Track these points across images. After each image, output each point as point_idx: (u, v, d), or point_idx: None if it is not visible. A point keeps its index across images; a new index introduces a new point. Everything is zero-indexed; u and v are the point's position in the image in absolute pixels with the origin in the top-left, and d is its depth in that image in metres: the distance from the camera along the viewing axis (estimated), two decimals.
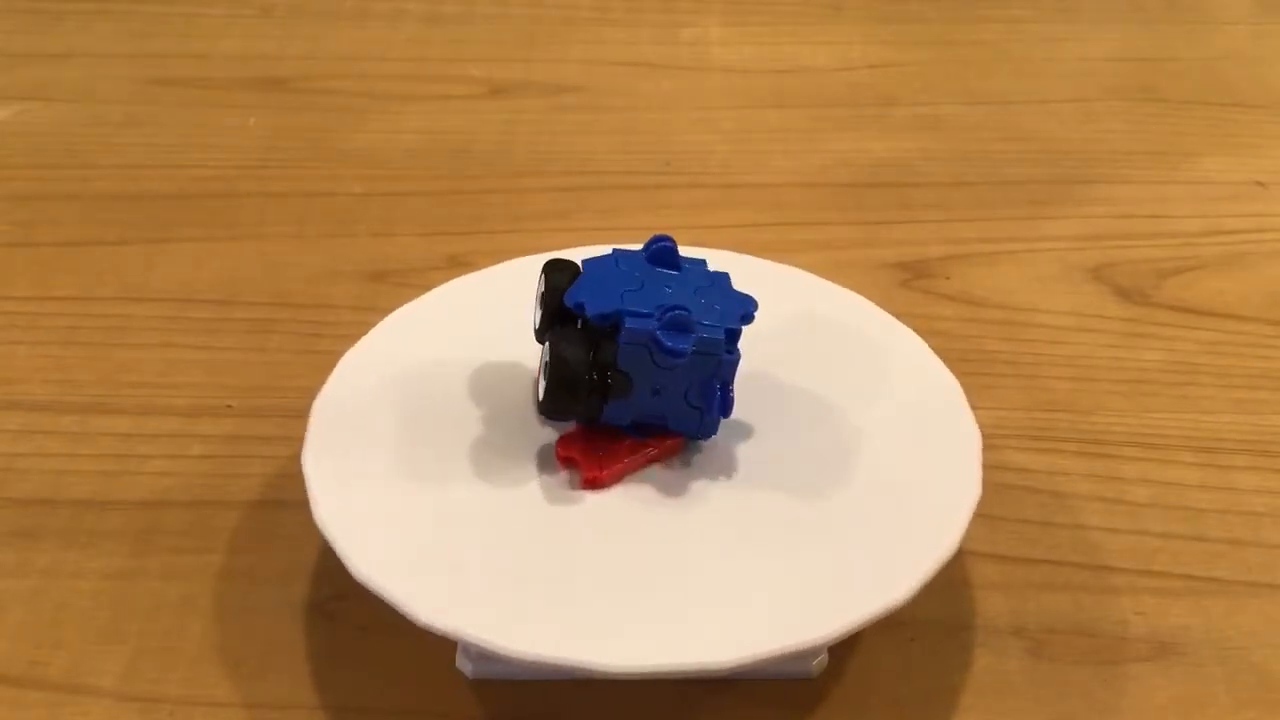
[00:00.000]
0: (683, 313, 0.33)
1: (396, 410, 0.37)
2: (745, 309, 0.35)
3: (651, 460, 0.36)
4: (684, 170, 0.58)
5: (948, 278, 0.51)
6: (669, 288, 0.35)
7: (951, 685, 0.35)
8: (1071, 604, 0.37)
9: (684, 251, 0.37)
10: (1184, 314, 0.49)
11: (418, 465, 0.35)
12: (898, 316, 0.40)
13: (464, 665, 0.35)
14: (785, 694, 0.35)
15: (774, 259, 0.42)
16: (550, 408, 0.34)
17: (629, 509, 0.34)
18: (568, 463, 0.35)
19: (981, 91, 0.65)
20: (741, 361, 0.35)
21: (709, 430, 0.36)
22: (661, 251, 0.36)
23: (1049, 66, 0.67)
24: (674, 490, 0.35)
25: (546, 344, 0.34)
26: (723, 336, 0.34)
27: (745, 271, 0.38)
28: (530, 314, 0.37)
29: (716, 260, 0.40)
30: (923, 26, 0.71)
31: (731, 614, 0.31)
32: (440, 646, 0.31)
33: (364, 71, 0.66)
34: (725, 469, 0.36)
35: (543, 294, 0.36)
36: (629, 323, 0.33)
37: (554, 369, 0.34)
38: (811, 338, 0.40)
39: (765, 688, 0.35)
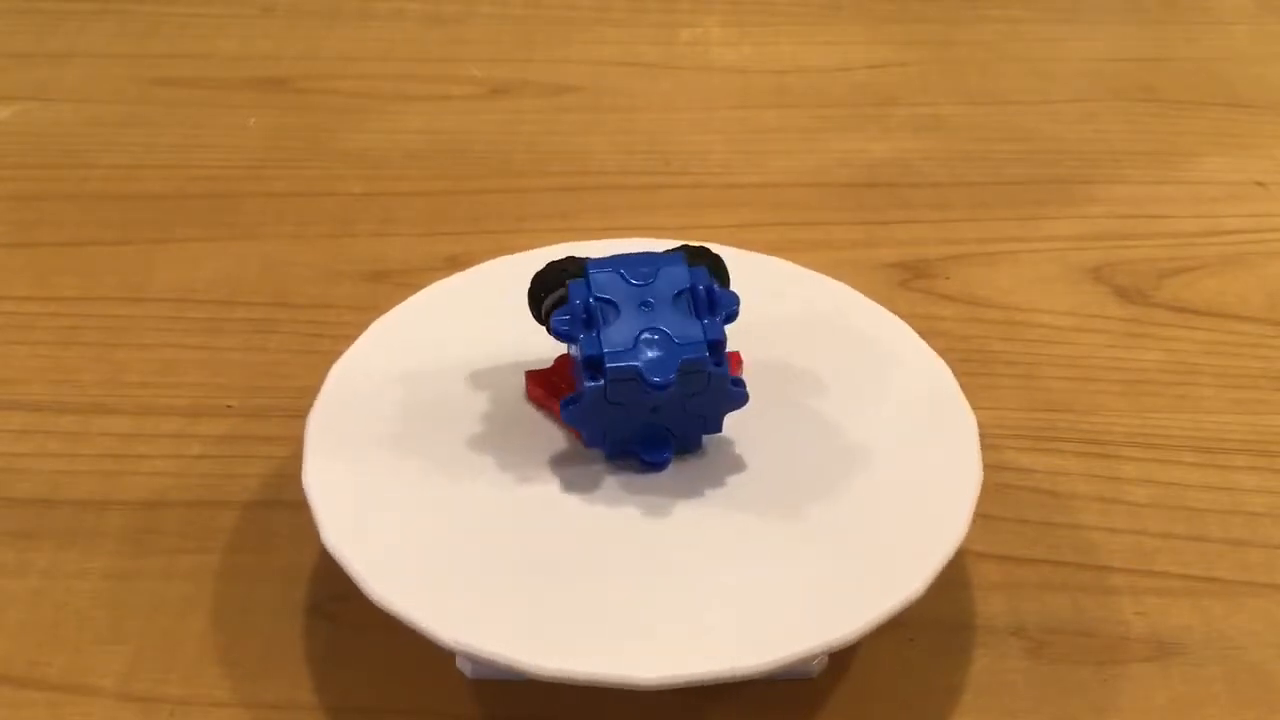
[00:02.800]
0: (582, 309, 0.33)
1: (394, 415, 0.37)
2: (645, 371, 0.33)
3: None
4: (684, 170, 0.58)
5: (948, 278, 0.51)
6: (645, 303, 0.34)
7: (951, 685, 0.35)
8: (1071, 604, 0.37)
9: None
10: (1184, 314, 0.49)
11: (420, 472, 0.35)
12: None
13: (464, 665, 0.35)
14: (785, 695, 0.35)
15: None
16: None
17: (630, 511, 0.34)
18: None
19: (981, 91, 0.65)
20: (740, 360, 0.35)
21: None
22: (698, 292, 0.34)
23: (1049, 66, 0.67)
24: (675, 492, 0.35)
25: None
26: (583, 353, 0.33)
27: (740, 267, 0.38)
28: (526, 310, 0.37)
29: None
30: (923, 26, 0.71)
31: (737, 621, 0.31)
32: (440, 646, 0.31)
33: (364, 71, 0.66)
34: (726, 471, 0.36)
35: None
36: (572, 284, 0.34)
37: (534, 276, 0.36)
38: (805, 332, 0.40)
39: (765, 688, 0.35)
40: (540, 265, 0.36)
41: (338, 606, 0.37)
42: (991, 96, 0.64)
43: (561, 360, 0.38)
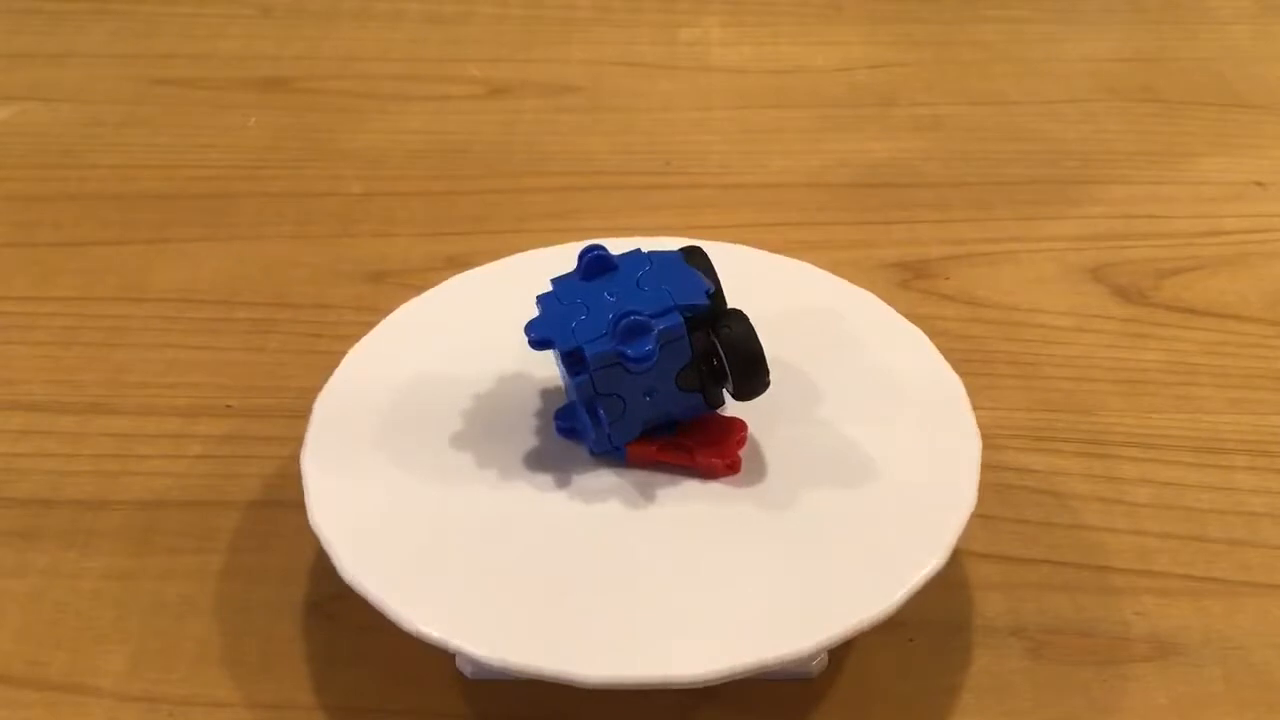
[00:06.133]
0: (591, 258, 0.35)
1: (396, 416, 0.37)
2: (537, 317, 0.34)
3: None
4: (683, 170, 0.58)
5: (948, 278, 0.51)
6: (614, 294, 0.34)
7: (951, 685, 0.35)
8: (1071, 604, 0.37)
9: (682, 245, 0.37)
10: (1184, 314, 0.49)
11: (418, 473, 0.35)
12: None
13: (464, 666, 0.35)
14: (785, 695, 0.35)
15: None
16: None
17: (630, 513, 0.34)
18: None
19: (981, 91, 0.65)
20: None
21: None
22: (629, 319, 0.34)
23: (1049, 66, 0.67)
24: (671, 491, 0.35)
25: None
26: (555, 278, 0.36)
27: (744, 263, 0.38)
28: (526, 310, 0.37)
29: (715, 252, 0.39)
30: (923, 26, 0.71)
31: (732, 621, 0.31)
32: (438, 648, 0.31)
33: (364, 71, 0.66)
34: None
35: None
36: (639, 250, 0.36)
37: None
38: (807, 330, 0.39)
39: (765, 688, 0.35)
40: (543, 265, 0.37)
41: (338, 606, 0.37)
42: (991, 96, 0.64)
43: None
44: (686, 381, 0.34)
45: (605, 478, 0.35)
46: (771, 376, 0.35)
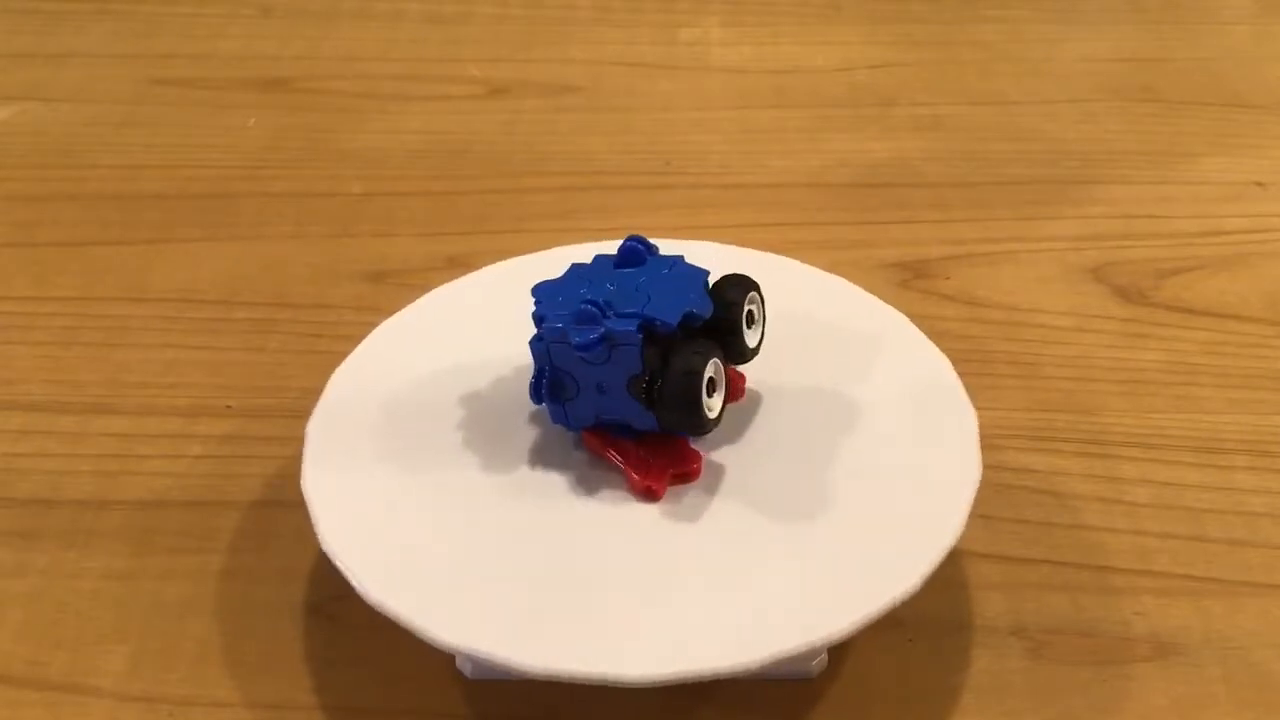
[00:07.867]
0: (623, 250, 0.36)
1: (396, 417, 0.37)
2: (549, 282, 0.35)
3: None
4: (683, 170, 0.58)
5: (948, 278, 0.51)
6: (613, 284, 0.35)
7: (951, 685, 0.35)
8: (1071, 604, 0.37)
9: (683, 245, 0.37)
10: (1184, 314, 0.49)
11: (419, 473, 0.35)
12: None
13: (464, 665, 0.35)
14: (784, 695, 0.35)
15: None
16: None
17: (627, 510, 0.34)
18: None
19: (981, 91, 0.65)
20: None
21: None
22: (590, 305, 0.35)
23: (1049, 66, 0.67)
24: (671, 491, 0.35)
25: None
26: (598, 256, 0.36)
27: (744, 264, 0.38)
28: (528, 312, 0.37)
29: (715, 252, 0.39)
30: (923, 26, 0.71)
31: (732, 618, 0.31)
32: (438, 647, 0.31)
33: (364, 71, 0.66)
34: (722, 466, 0.36)
35: None
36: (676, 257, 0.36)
37: None
38: (807, 329, 0.40)
39: (765, 688, 0.35)
40: (547, 267, 0.37)
41: (338, 606, 0.37)
42: (991, 96, 0.64)
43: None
44: (636, 390, 0.34)
45: (609, 478, 0.35)
46: (768, 377, 0.35)
